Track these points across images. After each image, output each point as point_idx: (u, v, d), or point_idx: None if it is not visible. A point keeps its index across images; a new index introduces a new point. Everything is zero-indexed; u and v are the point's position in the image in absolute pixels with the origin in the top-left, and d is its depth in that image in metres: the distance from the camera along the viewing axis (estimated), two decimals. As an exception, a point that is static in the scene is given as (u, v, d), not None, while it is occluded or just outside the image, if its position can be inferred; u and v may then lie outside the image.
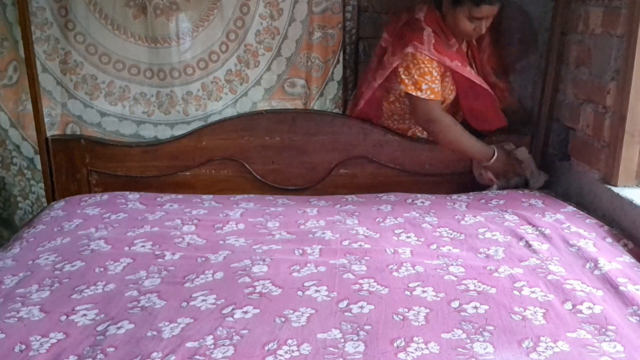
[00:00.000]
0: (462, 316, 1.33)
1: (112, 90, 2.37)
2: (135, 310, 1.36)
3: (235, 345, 1.21)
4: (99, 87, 2.36)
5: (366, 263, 1.58)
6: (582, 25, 2.10)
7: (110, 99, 2.37)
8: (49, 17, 2.28)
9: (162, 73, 2.35)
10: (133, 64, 2.34)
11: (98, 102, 2.37)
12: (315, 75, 2.41)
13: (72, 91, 2.35)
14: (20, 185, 2.45)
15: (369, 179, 2.33)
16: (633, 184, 1.91)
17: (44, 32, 2.29)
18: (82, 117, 2.37)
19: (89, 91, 2.36)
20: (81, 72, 2.34)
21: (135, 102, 2.38)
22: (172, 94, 2.38)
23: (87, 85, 2.35)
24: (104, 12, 2.29)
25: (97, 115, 2.38)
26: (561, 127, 2.28)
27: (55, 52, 2.32)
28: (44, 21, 2.28)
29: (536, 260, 1.61)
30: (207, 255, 1.65)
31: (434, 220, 1.91)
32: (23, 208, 2.48)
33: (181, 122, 2.40)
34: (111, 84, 2.36)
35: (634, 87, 1.81)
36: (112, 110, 2.38)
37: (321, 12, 2.36)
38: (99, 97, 2.37)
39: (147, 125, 2.40)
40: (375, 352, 1.19)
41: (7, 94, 2.34)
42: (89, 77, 2.35)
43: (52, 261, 1.62)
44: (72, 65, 2.32)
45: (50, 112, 2.34)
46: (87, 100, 2.36)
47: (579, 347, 1.22)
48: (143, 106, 2.39)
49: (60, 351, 1.21)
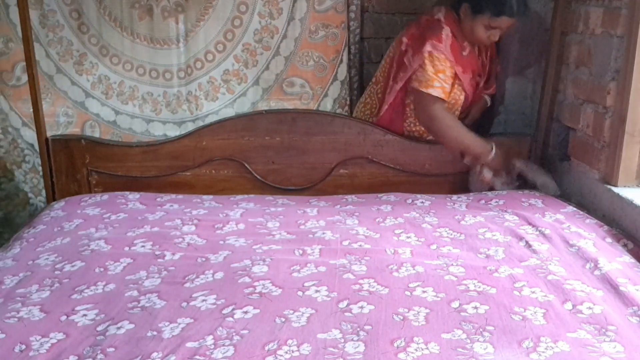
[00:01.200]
0: (462, 316, 1.33)
1: (123, 90, 2.42)
2: (135, 310, 1.36)
3: (235, 345, 1.21)
4: (112, 87, 2.42)
5: (366, 263, 1.58)
6: (582, 25, 2.10)
7: (122, 98, 2.43)
8: (60, 20, 2.34)
9: (168, 73, 2.40)
10: (140, 65, 2.38)
11: (112, 101, 2.45)
12: (319, 75, 2.42)
13: (89, 91, 2.42)
14: (32, 183, 2.49)
15: (369, 179, 2.33)
16: (633, 184, 1.91)
17: (56, 34, 2.34)
18: (100, 115, 2.45)
19: (105, 90, 2.44)
20: (97, 72, 2.41)
21: (144, 102, 2.42)
22: (178, 93, 2.42)
23: (102, 85, 2.43)
24: (113, 14, 2.35)
25: (113, 113, 2.45)
26: (561, 127, 2.28)
27: (68, 54, 2.38)
28: (55, 23, 2.34)
29: (536, 260, 1.61)
30: (207, 255, 1.65)
31: (434, 220, 1.91)
32: (34, 204, 2.52)
33: (188, 120, 2.43)
34: (122, 84, 2.41)
35: (634, 87, 1.82)
36: (124, 109, 2.44)
37: (324, 10, 2.37)
38: (112, 96, 2.44)
39: (156, 123, 2.45)
40: (375, 352, 1.19)
41: (17, 94, 2.40)
42: (104, 78, 2.42)
43: (52, 261, 1.62)
44: (88, 66, 2.39)
45: (66, 112, 2.42)
46: (103, 99, 2.44)
47: (579, 347, 1.22)
48: (151, 105, 2.43)
49: (60, 351, 1.21)
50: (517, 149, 2.34)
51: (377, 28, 2.59)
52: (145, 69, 2.40)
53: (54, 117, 2.41)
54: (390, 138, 2.31)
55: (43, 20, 2.31)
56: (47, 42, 2.33)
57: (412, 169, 2.33)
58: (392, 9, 2.58)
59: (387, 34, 2.61)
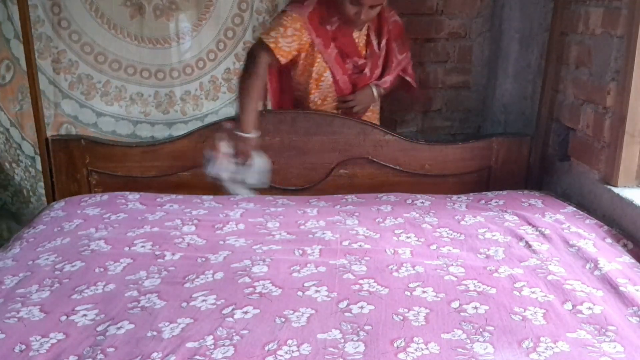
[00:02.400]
0: (462, 316, 1.33)
1: (109, 90, 2.35)
2: (135, 310, 1.36)
3: (235, 346, 1.21)
4: (95, 86, 2.33)
5: (366, 263, 1.58)
6: (582, 25, 2.10)
7: (106, 98, 2.35)
8: (40, 15, 2.22)
9: (160, 73, 2.34)
10: (130, 64, 2.32)
11: (94, 102, 2.34)
12: None
13: (66, 91, 2.31)
14: (30, 181, 2.44)
15: (368, 179, 2.33)
16: (633, 184, 1.91)
17: (36, 30, 2.22)
18: (78, 118, 2.35)
19: (85, 91, 2.33)
20: (76, 71, 2.30)
21: (132, 102, 2.36)
22: (171, 94, 2.37)
23: (82, 85, 2.31)
24: (100, 11, 2.26)
25: (94, 115, 2.36)
26: (561, 127, 2.28)
27: (47, 51, 2.27)
28: (36, 19, 2.21)
29: (536, 260, 1.61)
30: (207, 255, 1.65)
31: (434, 220, 1.91)
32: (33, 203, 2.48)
33: (179, 121, 2.40)
34: (107, 83, 2.34)
35: (634, 87, 1.82)
36: (109, 111, 2.36)
37: None
38: (95, 96, 2.34)
39: (144, 125, 2.39)
40: (375, 352, 1.19)
41: (2, 94, 2.30)
42: (85, 77, 2.31)
43: (52, 261, 1.62)
44: (67, 64, 2.28)
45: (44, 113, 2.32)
46: (83, 100, 2.33)
47: (579, 347, 1.22)
48: (140, 106, 2.36)
49: (60, 351, 1.21)
50: (517, 149, 2.35)
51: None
52: (135, 69, 2.34)
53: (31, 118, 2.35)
54: (391, 138, 2.31)
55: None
56: None
57: (412, 169, 2.33)
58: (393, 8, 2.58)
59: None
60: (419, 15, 2.63)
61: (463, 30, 2.66)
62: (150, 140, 2.38)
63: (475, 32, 2.67)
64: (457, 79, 2.73)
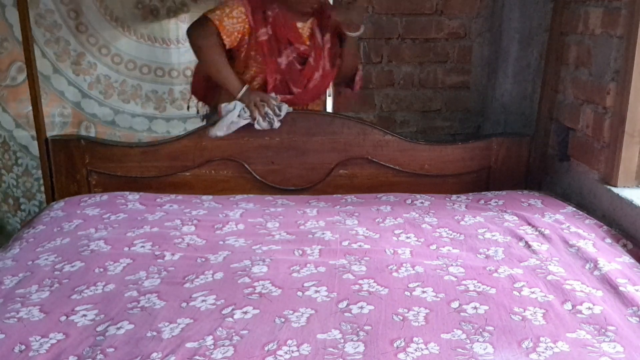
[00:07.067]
0: (462, 316, 1.33)
1: (125, 89, 2.41)
2: (135, 310, 1.36)
3: (235, 346, 1.21)
4: (112, 86, 2.43)
5: (366, 263, 1.58)
6: (582, 25, 2.10)
7: (123, 97, 2.42)
8: (57, 20, 2.33)
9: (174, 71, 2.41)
10: (144, 64, 2.39)
11: (112, 101, 2.44)
12: None
13: (86, 91, 2.42)
14: (25, 187, 2.45)
15: (368, 179, 2.33)
16: (633, 185, 1.92)
17: (53, 34, 2.33)
18: (97, 115, 2.46)
19: (103, 90, 2.44)
20: (95, 72, 2.41)
21: (147, 100, 2.42)
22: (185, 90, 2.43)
23: (101, 85, 2.42)
24: (115, 14, 2.35)
25: (111, 113, 2.45)
26: (561, 127, 2.28)
27: (65, 54, 2.38)
28: (53, 23, 2.33)
29: (536, 260, 1.61)
30: (206, 255, 1.65)
31: (434, 220, 1.91)
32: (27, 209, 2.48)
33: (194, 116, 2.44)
34: (124, 83, 2.40)
35: (634, 87, 1.82)
36: (126, 108, 2.43)
37: None
38: (113, 95, 2.44)
39: (159, 120, 2.46)
40: (375, 352, 1.19)
41: (11, 95, 2.37)
42: (103, 77, 2.42)
43: (51, 261, 1.62)
44: (86, 66, 2.39)
45: (62, 112, 2.40)
46: (102, 99, 2.44)
47: (579, 347, 1.22)
48: (154, 103, 2.43)
49: (60, 351, 1.21)
50: (516, 149, 2.35)
51: (377, 29, 2.60)
52: (150, 68, 2.40)
53: (49, 117, 2.39)
54: (390, 138, 2.31)
55: (39, 20, 2.29)
56: (44, 42, 2.31)
57: (411, 169, 2.33)
58: (391, 9, 2.58)
59: (387, 34, 2.61)
60: (418, 15, 2.62)
61: (463, 30, 2.66)
62: (149, 140, 2.39)
63: (475, 32, 2.67)
64: (456, 79, 2.73)
